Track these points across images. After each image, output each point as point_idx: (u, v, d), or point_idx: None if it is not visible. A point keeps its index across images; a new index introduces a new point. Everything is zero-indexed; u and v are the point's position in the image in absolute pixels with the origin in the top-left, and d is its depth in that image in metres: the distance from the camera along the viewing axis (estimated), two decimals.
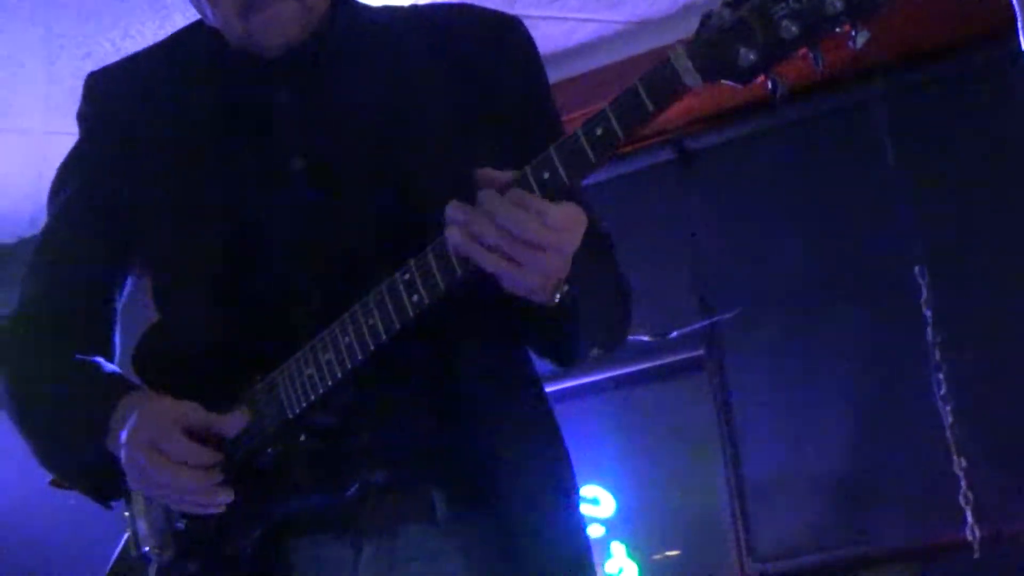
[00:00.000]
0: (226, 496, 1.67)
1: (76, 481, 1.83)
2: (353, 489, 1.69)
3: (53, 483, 1.87)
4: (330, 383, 1.65)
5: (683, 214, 4.18)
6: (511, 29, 1.87)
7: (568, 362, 1.77)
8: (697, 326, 3.97)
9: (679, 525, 4.10)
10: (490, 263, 1.52)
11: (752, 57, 1.41)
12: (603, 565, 4.21)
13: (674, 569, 4.07)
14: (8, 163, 4.46)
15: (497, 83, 1.80)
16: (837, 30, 1.37)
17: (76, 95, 1.88)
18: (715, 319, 3.96)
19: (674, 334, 3.90)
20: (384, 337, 1.60)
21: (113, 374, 1.82)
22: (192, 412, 1.68)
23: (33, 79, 3.96)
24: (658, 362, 4.10)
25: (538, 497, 1.73)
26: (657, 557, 4.12)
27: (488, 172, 1.54)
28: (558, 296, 1.59)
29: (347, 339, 1.63)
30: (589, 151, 1.49)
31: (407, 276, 1.58)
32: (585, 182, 1.60)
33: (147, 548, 1.77)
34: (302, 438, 1.68)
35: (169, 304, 1.84)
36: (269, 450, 1.69)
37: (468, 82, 1.79)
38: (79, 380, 1.81)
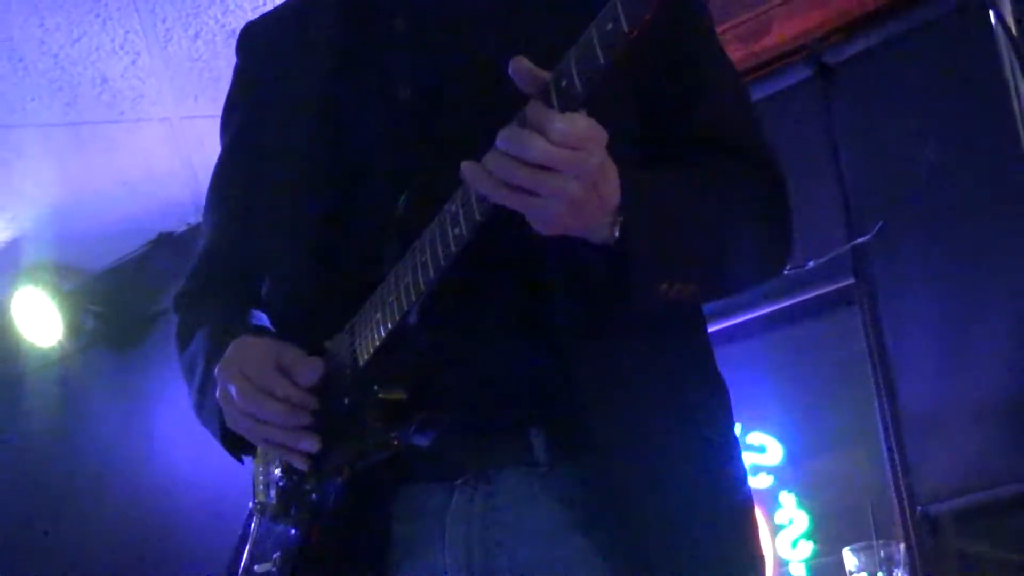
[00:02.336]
0: (310, 442, 1.60)
1: (214, 433, 1.78)
2: (430, 437, 1.56)
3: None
4: (390, 325, 1.54)
5: (826, 133, 3.86)
6: None
7: (631, 305, 1.50)
8: (836, 252, 3.65)
9: (844, 470, 3.80)
10: (502, 197, 1.37)
11: None
12: (772, 516, 3.97)
13: (844, 519, 3.78)
14: (158, 152, 4.57)
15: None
16: None
17: (195, 78, 1.88)
18: (855, 242, 3.63)
19: (810, 264, 3.60)
20: (432, 275, 1.48)
21: (245, 324, 1.79)
22: (285, 351, 1.63)
23: (153, 67, 4.01)
24: (807, 295, 3.80)
25: (657, 442, 1.52)
26: None
27: (523, 64, 1.36)
28: (616, 231, 1.42)
29: (407, 278, 1.51)
30: (599, 50, 1.30)
31: (453, 207, 1.44)
32: None
33: (253, 502, 1.75)
34: (375, 388, 1.57)
35: (275, 245, 1.77)
36: (346, 400, 1.60)
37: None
38: (218, 331, 1.78)
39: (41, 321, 5.29)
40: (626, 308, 1.51)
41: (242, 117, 1.91)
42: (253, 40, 1.93)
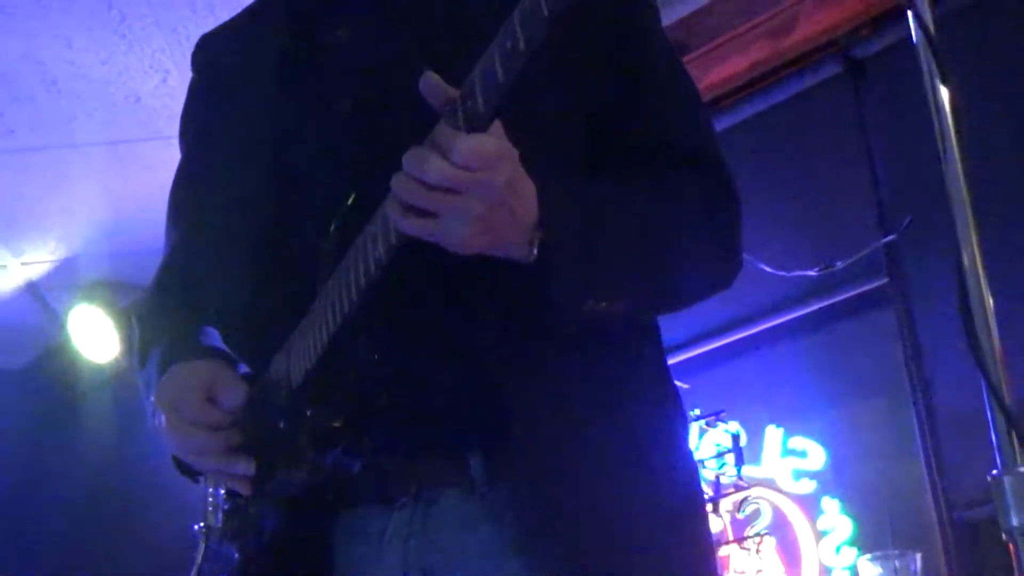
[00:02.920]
0: (243, 466, 1.58)
1: (168, 450, 1.75)
2: (359, 461, 1.53)
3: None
4: (319, 348, 1.52)
5: (857, 129, 3.76)
6: None
7: (556, 319, 1.47)
8: (865, 251, 3.55)
9: (886, 475, 3.70)
10: (407, 223, 1.36)
11: None
12: (815, 522, 3.89)
13: (888, 524, 3.68)
14: None
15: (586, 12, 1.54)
16: None
17: None
18: (884, 240, 3.52)
19: (839, 264, 3.51)
20: (355, 296, 1.46)
21: (194, 346, 1.73)
22: (218, 376, 1.61)
23: (183, 85, 4.03)
24: (841, 296, 3.71)
25: (596, 463, 1.49)
26: None
27: (433, 81, 1.35)
28: (535, 249, 1.39)
29: (333, 299, 1.50)
30: (499, 68, 1.29)
31: (374, 229, 1.43)
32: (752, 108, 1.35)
33: (198, 526, 1.72)
34: (308, 412, 1.54)
35: (219, 262, 1.75)
36: (280, 423, 1.58)
37: None
38: (165, 356, 1.73)
39: (98, 338, 5.36)
40: (550, 326, 1.47)
41: (194, 131, 1.89)
42: (206, 53, 1.91)
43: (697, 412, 4.00)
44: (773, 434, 4.02)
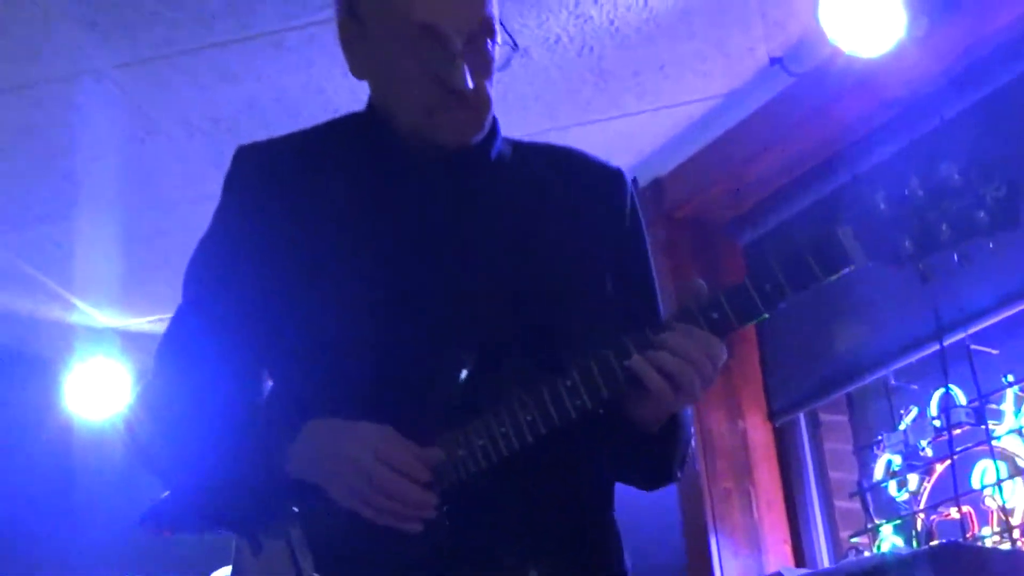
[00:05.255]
0: (429, 513, 1.78)
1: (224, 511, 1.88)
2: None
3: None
4: (482, 466, 1.79)
5: None
6: (616, 182, 2.03)
7: (662, 480, 2.01)
8: None
9: None
10: (656, 385, 1.75)
11: (910, 248, 1.66)
12: None
13: None
14: None
15: (601, 231, 1.98)
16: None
17: None
18: None
19: None
20: (543, 431, 1.77)
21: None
22: (397, 435, 1.79)
23: None
24: None
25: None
26: None
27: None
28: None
29: (503, 429, 1.77)
30: (759, 301, 1.73)
31: (569, 383, 1.76)
32: None
33: None
34: (447, 523, 1.79)
35: (297, 394, 1.90)
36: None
37: (581, 221, 1.97)
38: (239, 427, 1.87)
39: None
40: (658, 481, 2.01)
41: (234, 253, 1.92)
42: (253, 167, 1.97)
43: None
44: None
